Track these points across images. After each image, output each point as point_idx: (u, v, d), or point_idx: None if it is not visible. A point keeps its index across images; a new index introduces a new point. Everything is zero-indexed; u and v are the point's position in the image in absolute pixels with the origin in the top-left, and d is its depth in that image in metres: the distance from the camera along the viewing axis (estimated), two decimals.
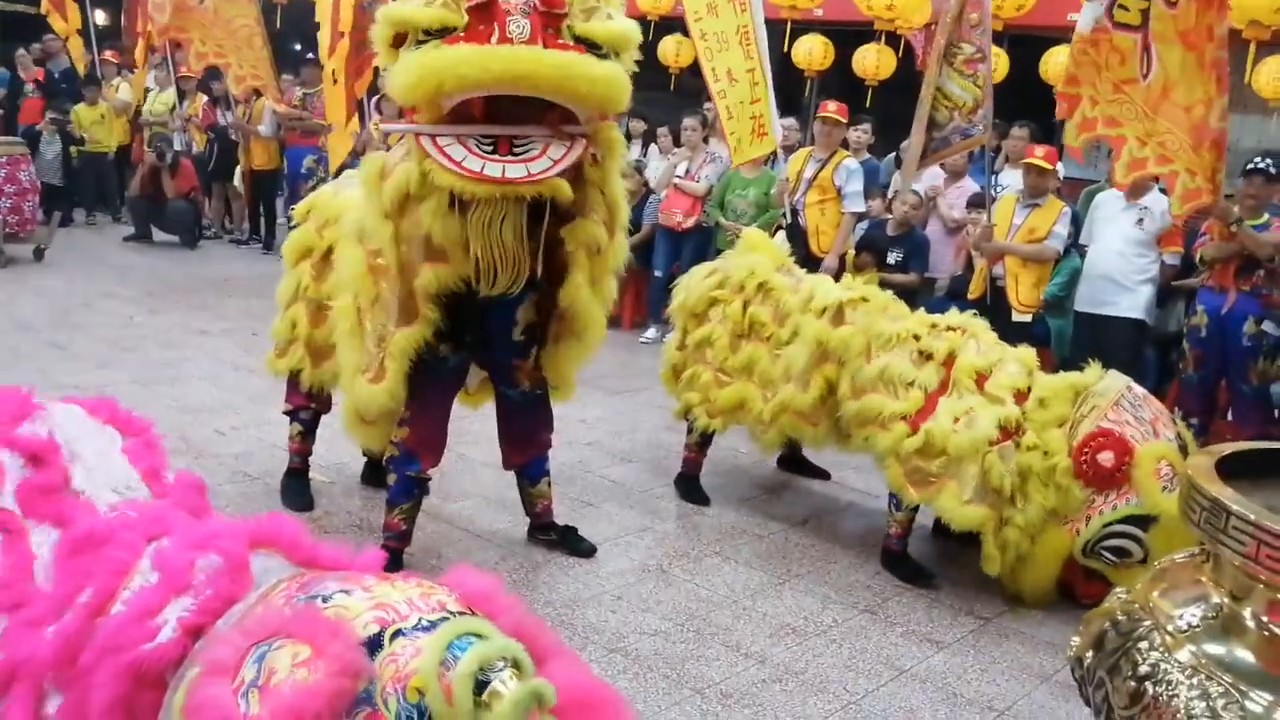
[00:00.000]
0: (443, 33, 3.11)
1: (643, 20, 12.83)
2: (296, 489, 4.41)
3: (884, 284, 7.26)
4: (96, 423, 2.72)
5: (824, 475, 5.35)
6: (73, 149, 10.91)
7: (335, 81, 8.91)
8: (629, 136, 8.47)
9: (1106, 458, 3.79)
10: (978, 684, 3.53)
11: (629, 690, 3.24)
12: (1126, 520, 3.79)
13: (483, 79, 3.07)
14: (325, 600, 1.73)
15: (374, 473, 4.50)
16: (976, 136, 6.12)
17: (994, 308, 6.05)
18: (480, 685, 1.52)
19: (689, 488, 4.90)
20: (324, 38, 9.16)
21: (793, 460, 5.39)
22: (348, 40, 8.67)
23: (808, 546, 4.49)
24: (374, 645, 1.61)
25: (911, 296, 7.42)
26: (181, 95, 10.96)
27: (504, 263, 3.37)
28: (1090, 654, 2.03)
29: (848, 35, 10.32)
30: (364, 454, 4.56)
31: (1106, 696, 1.94)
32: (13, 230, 8.88)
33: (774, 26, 6.83)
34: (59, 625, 2.11)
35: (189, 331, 7.20)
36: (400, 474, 3.88)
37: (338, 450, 4.67)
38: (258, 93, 10.24)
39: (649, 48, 13.41)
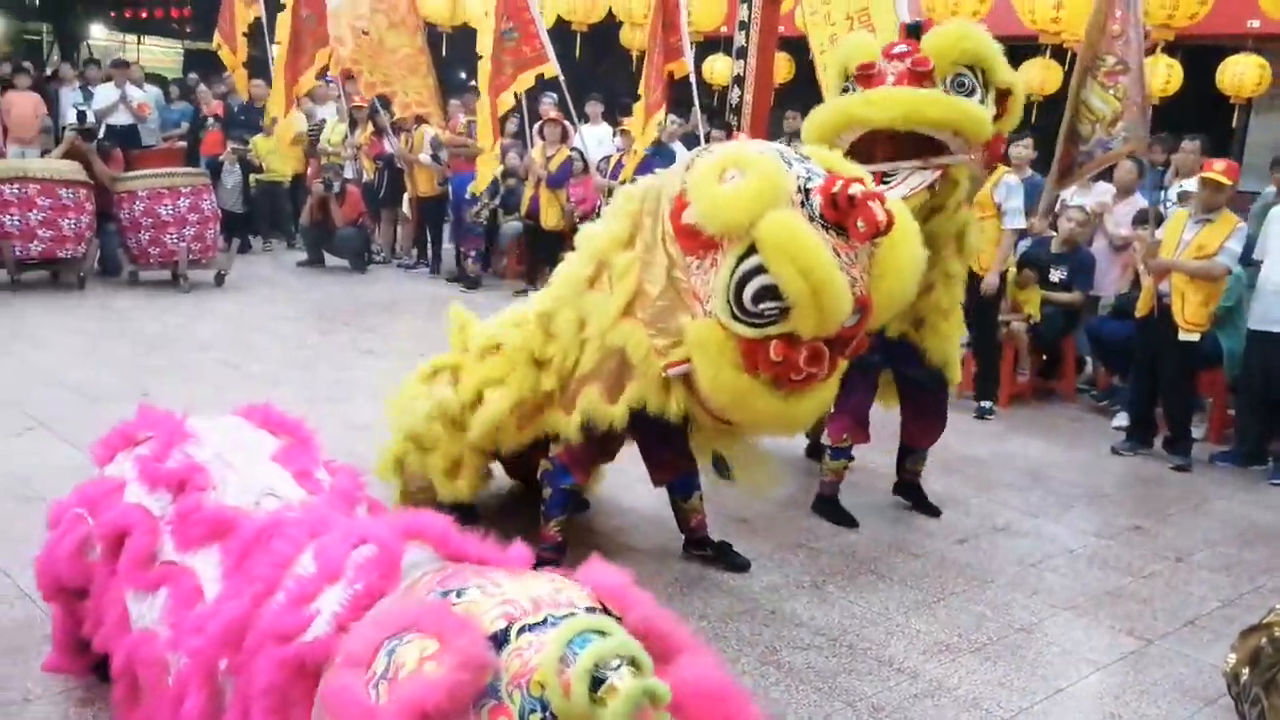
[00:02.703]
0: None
1: (802, 40, 12.94)
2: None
3: (1046, 302, 7.15)
4: (251, 429, 2.94)
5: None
6: (251, 178, 11.59)
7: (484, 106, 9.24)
8: None
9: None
10: (1136, 705, 3.45)
11: (780, 701, 3.29)
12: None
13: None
14: (458, 596, 1.82)
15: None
16: (1116, 150, 5.98)
17: (1161, 326, 5.86)
18: (597, 682, 1.57)
19: (830, 509, 4.84)
20: (483, 67, 9.54)
21: (818, 449, 5.40)
22: (488, 63, 8.98)
23: (963, 565, 4.45)
24: (500, 640, 1.69)
25: (1075, 315, 7.26)
26: (353, 124, 11.50)
27: None
28: (1246, 670, 2.00)
29: (1012, 50, 10.13)
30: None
31: (1262, 713, 1.91)
32: (196, 256, 9.41)
33: None
34: (226, 610, 2.27)
35: (357, 352, 7.55)
36: (555, 487, 4.04)
37: None
38: (419, 121, 10.69)
39: (808, 66, 13.50)
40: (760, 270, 3.20)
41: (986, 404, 6.89)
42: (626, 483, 4.71)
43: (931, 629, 3.86)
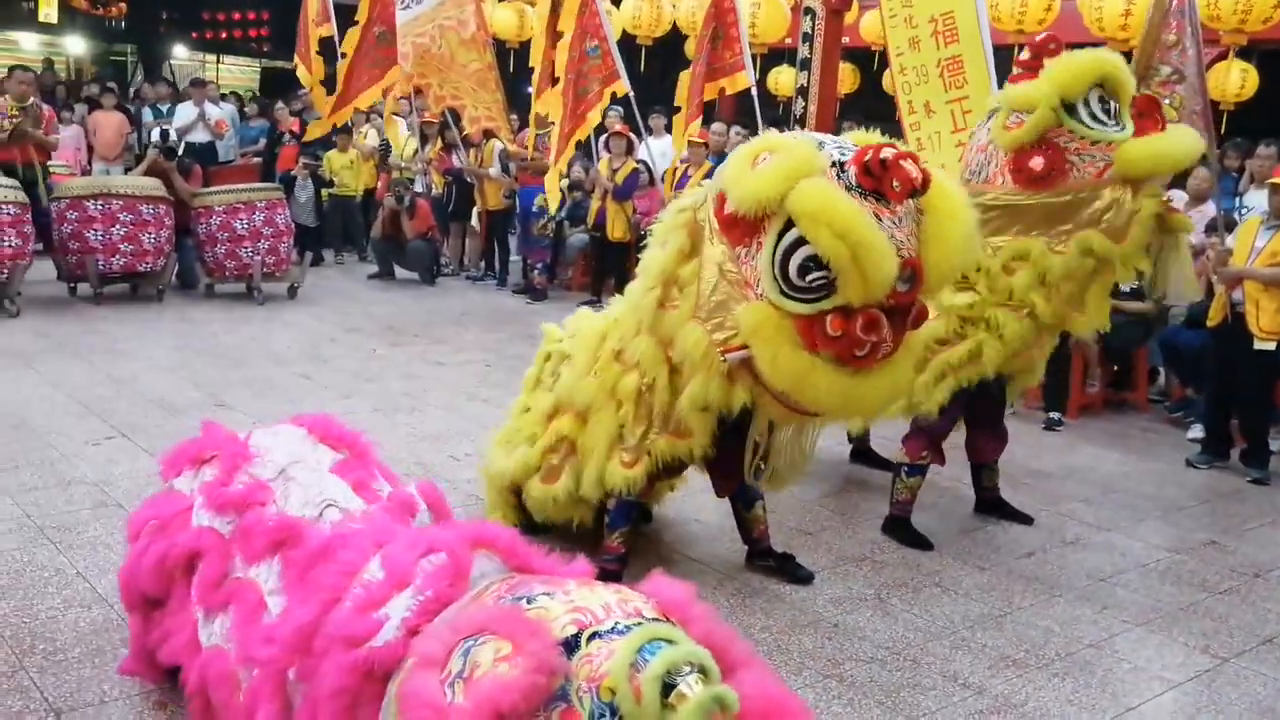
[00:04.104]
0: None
1: (867, 50, 12.92)
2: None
3: (1116, 311, 7.01)
4: (312, 442, 3.00)
5: (886, 466, 5.15)
6: (323, 192, 11.83)
7: (554, 123, 9.35)
8: None
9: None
10: None
11: (843, 716, 3.28)
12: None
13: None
14: (529, 602, 1.84)
15: None
16: None
17: (1235, 335, 5.72)
18: (667, 688, 1.59)
19: (903, 531, 4.74)
20: (536, 80, 9.66)
21: (862, 452, 5.31)
22: (563, 83, 9.08)
23: (1031, 579, 4.39)
24: (571, 646, 1.71)
25: (1146, 325, 7.12)
26: (423, 139, 11.69)
27: None
28: None
29: None
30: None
31: None
32: (270, 269, 9.62)
33: (1001, 52, 6.73)
34: (295, 618, 2.31)
35: (427, 363, 7.66)
36: (620, 500, 4.05)
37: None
38: (487, 135, 10.83)
39: (874, 77, 13.46)
40: (801, 242, 3.18)
41: (1055, 415, 6.78)
42: (689, 494, 4.72)
43: (998, 644, 3.81)
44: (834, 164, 3.25)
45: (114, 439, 5.40)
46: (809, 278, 3.21)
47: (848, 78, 12.64)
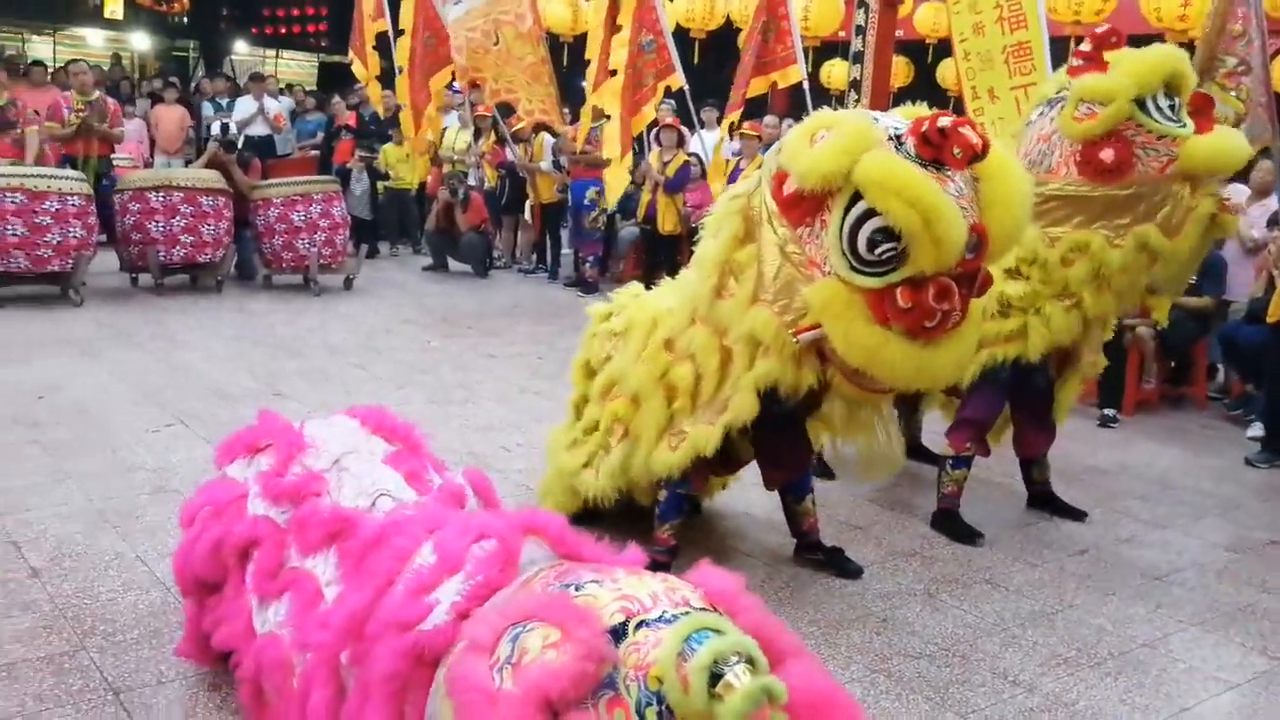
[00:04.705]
0: None
1: (921, 43, 12.83)
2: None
3: (1174, 306, 6.89)
4: (365, 433, 3.04)
5: (936, 461, 5.04)
6: (379, 185, 11.95)
7: (608, 117, 9.37)
8: None
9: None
10: None
11: (891, 711, 3.26)
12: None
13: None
14: (577, 589, 1.86)
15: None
16: None
17: None
18: (715, 677, 1.58)
19: (952, 525, 4.69)
20: (591, 73, 9.68)
21: (913, 447, 5.27)
22: (622, 77, 9.10)
23: (1084, 577, 4.33)
24: (619, 633, 1.72)
25: (1205, 320, 6.98)
26: (477, 133, 11.77)
27: None
28: None
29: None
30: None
31: None
32: (326, 261, 9.77)
33: (1058, 44, 6.66)
34: (348, 603, 2.34)
35: (479, 355, 7.73)
36: (671, 491, 4.06)
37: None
38: (539, 129, 10.88)
39: (928, 70, 13.37)
40: (869, 214, 3.15)
41: (1110, 411, 6.68)
42: (739, 487, 4.71)
43: (1049, 641, 3.76)
44: (890, 138, 3.23)
45: (172, 427, 5.51)
46: (879, 250, 3.17)
47: (901, 71, 12.55)
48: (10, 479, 4.62)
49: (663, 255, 10.26)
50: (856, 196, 3.17)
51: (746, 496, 4.79)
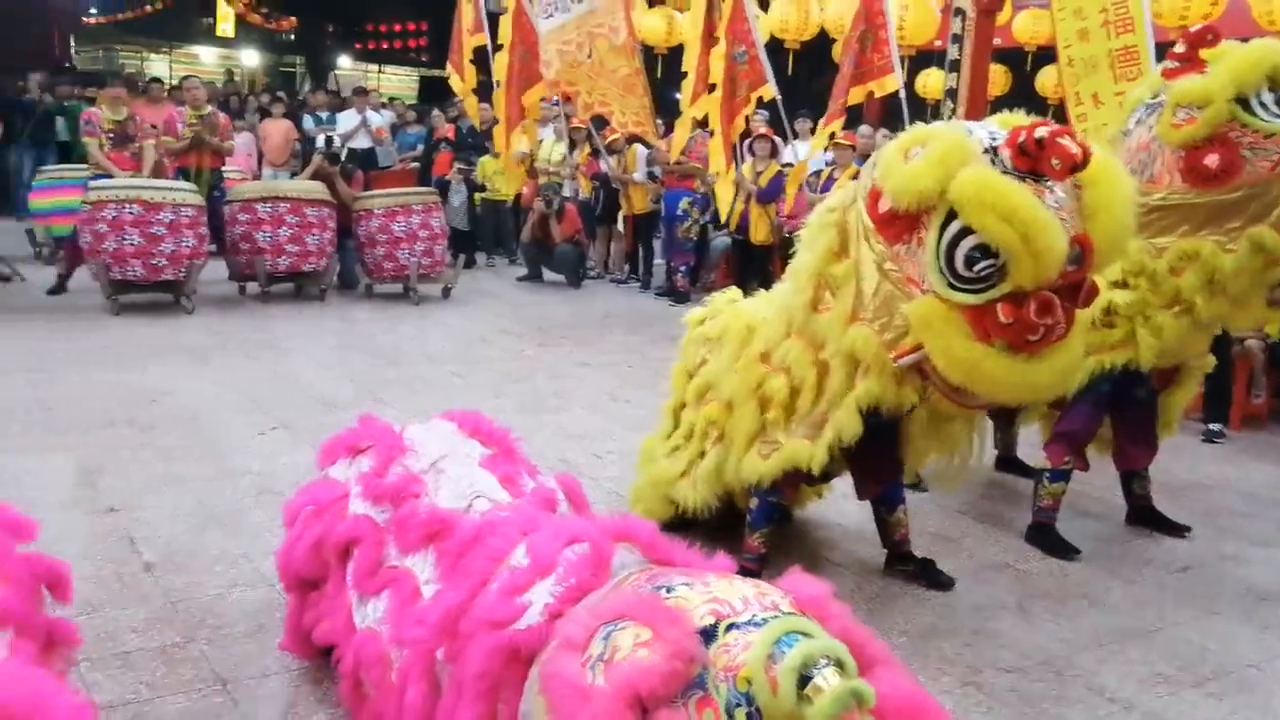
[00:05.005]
0: None
1: (1019, 51, 12.63)
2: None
3: None
4: (462, 436, 3.11)
5: (1031, 474, 4.95)
6: (476, 197, 12.18)
7: (706, 127, 9.42)
8: None
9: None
10: None
11: None
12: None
13: None
14: (668, 591, 1.88)
15: None
16: None
17: None
18: (804, 680, 1.59)
19: (1048, 539, 4.61)
20: (688, 86, 9.73)
21: (1008, 460, 5.16)
22: (721, 91, 9.15)
23: (1185, 594, 4.22)
24: (709, 635, 1.74)
25: None
26: (572, 145, 11.92)
27: None
28: None
29: None
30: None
31: None
32: (425, 271, 9.98)
33: (1164, 49, 6.51)
34: (444, 601, 2.40)
35: (573, 364, 7.82)
36: (763, 500, 4.07)
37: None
38: (632, 141, 10.98)
39: (1027, 78, 13.15)
40: (965, 232, 3.12)
41: (1216, 426, 6.48)
42: (830, 498, 4.70)
43: (1149, 659, 3.68)
44: (986, 150, 3.20)
45: (277, 431, 5.70)
46: (977, 267, 3.14)
47: (999, 79, 12.36)
48: (126, 479, 4.84)
49: (754, 266, 10.27)
50: (952, 214, 3.15)
51: (837, 506, 4.78)
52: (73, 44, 26.09)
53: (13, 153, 12.63)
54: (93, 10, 27.01)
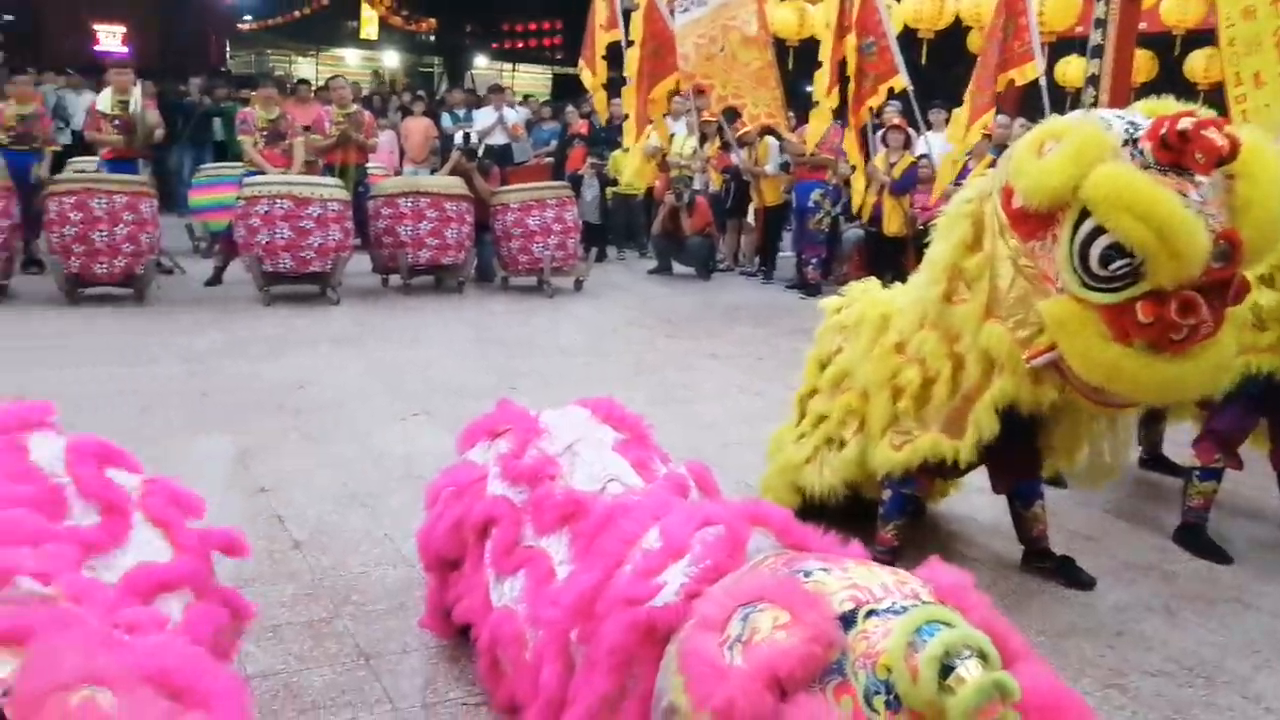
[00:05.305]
0: None
1: (1166, 36, 12.13)
2: None
3: None
4: (595, 422, 3.15)
5: (1178, 472, 4.74)
6: (608, 191, 12.30)
7: (837, 119, 9.34)
8: None
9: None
10: None
11: None
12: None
13: None
14: (807, 575, 1.88)
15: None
16: None
17: None
18: (946, 670, 1.56)
19: (1196, 540, 4.42)
20: (821, 77, 9.64)
21: (1154, 458, 4.98)
22: (854, 84, 9.06)
23: None
24: (848, 621, 1.73)
25: None
26: (703, 138, 11.94)
27: None
28: None
29: None
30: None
31: None
32: (558, 264, 10.14)
33: None
34: (579, 582, 2.44)
35: (701, 355, 7.84)
36: (896, 491, 4.03)
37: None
38: (764, 133, 10.93)
39: (1174, 64, 12.61)
40: (1100, 231, 3.02)
41: None
42: (964, 490, 4.61)
43: None
44: (1126, 142, 3.08)
45: (418, 417, 5.87)
46: (1112, 266, 3.04)
47: (1144, 65, 11.87)
48: (276, 460, 5.06)
49: (887, 258, 10.11)
50: (1086, 212, 3.06)
51: (970, 500, 4.68)
52: (228, 49, 27.35)
53: (174, 153, 13.28)
54: (247, 17, 28.25)
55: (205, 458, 5.06)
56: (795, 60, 12.92)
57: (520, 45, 29.01)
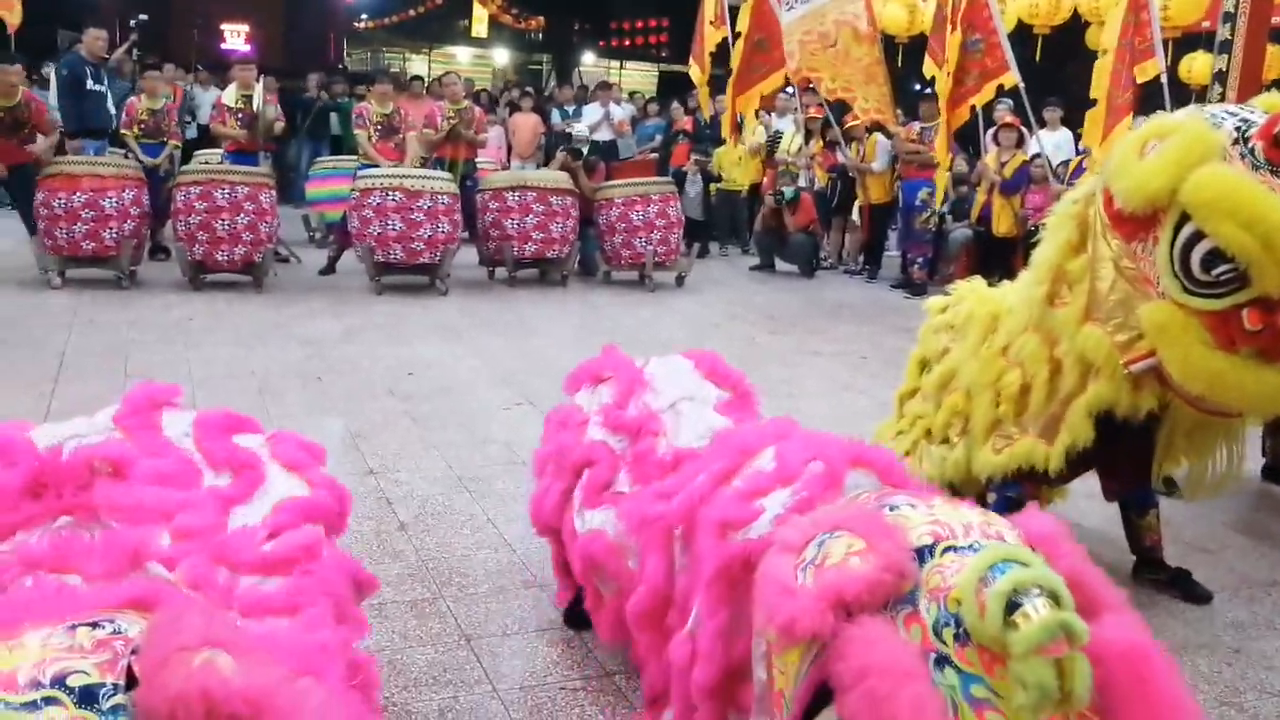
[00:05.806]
0: None
1: None
2: None
3: None
4: (698, 377, 3.18)
5: None
6: (711, 187, 12.30)
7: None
8: None
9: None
10: None
11: None
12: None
13: None
14: (891, 509, 1.91)
15: None
16: None
17: None
18: (1013, 606, 1.55)
19: None
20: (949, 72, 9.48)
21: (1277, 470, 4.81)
22: (952, 82, 8.92)
23: None
24: (924, 554, 1.75)
25: None
26: (808, 135, 11.86)
27: None
28: None
29: None
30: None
31: None
32: (660, 259, 10.18)
33: None
34: (690, 487, 2.51)
35: (804, 352, 7.79)
36: (1001, 495, 3.95)
37: None
38: (872, 129, 10.81)
39: None
40: (1201, 235, 2.92)
41: None
42: (1071, 496, 4.50)
43: None
44: (1236, 140, 2.97)
45: (522, 405, 5.96)
46: (1215, 272, 2.94)
47: (1276, 62, 11.38)
48: (384, 443, 5.19)
49: (996, 259, 9.89)
50: (1186, 216, 2.95)
51: (1078, 506, 4.56)
52: (345, 47, 28.11)
53: (292, 146, 13.69)
54: (363, 16, 28.99)
55: (318, 438, 5.17)
56: (904, 57, 12.74)
57: (627, 43, 29.17)
